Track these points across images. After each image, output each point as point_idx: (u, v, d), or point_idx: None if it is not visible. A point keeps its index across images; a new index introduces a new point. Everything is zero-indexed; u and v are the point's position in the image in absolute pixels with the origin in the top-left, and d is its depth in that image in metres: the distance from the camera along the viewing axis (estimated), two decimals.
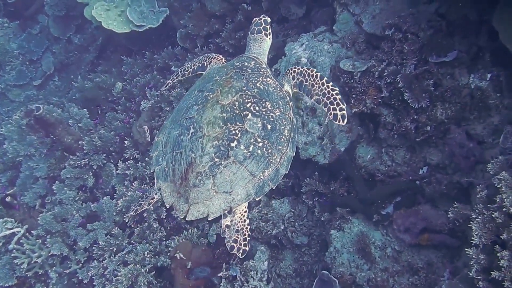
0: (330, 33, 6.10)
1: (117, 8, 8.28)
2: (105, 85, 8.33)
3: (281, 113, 3.87)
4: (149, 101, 7.28)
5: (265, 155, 3.69)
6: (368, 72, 5.33)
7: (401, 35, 5.24)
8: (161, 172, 3.90)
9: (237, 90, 3.82)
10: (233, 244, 3.77)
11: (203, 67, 4.71)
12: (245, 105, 3.74)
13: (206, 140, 3.61)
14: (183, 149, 3.71)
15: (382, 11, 5.62)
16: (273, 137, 3.75)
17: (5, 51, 10.84)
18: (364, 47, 5.77)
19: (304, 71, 4.17)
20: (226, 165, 3.59)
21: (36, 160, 7.54)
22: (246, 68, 4.07)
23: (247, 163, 3.63)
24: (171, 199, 3.76)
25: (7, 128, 7.80)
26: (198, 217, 3.62)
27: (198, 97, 3.95)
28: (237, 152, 3.60)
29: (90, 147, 7.09)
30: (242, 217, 3.85)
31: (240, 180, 3.63)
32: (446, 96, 4.98)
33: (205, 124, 3.67)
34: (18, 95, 10.66)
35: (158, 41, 8.79)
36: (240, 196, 3.64)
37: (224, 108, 3.72)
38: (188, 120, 3.82)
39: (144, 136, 6.68)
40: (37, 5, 11.49)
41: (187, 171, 3.63)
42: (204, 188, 3.58)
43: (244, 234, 3.82)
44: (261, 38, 4.44)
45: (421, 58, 5.10)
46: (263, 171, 3.69)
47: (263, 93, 3.88)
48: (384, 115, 5.33)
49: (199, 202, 3.61)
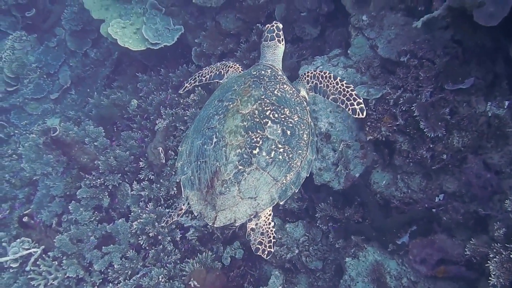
0: (344, 57, 6.06)
1: (133, 26, 8.31)
2: (121, 102, 8.36)
3: (299, 118, 3.98)
4: (164, 121, 7.29)
5: (286, 160, 3.80)
6: (383, 99, 5.29)
7: (417, 62, 5.19)
8: (187, 181, 4.03)
9: (256, 99, 3.94)
10: (258, 246, 3.84)
11: (220, 75, 4.84)
12: (264, 113, 3.86)
13: (229, 149, 3.74)
14: (207, 158, 3.84)
15: (397, 36, 5.56)
16: (293, 142, 3.86)
17: (23, 64, 10.95)
18: (379, 71, 5.72)
19: (318, 74, 4.32)
20: (250, 172, 3.70)
21: (53, 178, 7.61)
22: (263, 76, 4.19)
23: (269, 169, 3.74)
24: (199, 207, 3.88)
25: (24, 147, 7.89)
26: (226, 223, 3.76)
27: (218, 107, 4.07)
28: (260, 159, 3.71)
29: (106, 167, 7.13)
30: (267, 220, 3.93)
31: (264, 185, 3.74)
32: (463, 124, 4.92)
33: (227, 133, 3.80)
34: (36, 108, 10.77)
35: (173, 58, 8.80)
36: (264, 201, 3.75)
37: (244, 117, 3.85)
38: (211, 130, 3.94)
39: (158, 158, 6.69)
40: (55, 18, 11.61)
41: (212, 179, 3.75)
42: (230, 195, 3.71)
43: (269, 237, 3.87)
44: (274, 45, 4.53)
45: (437, 85, 5.04)
46: (285, 176, 3.80)
47: (281, 100, 3.99)
48: (400, 142, 5.29)
49: (226, 208, 3.74)
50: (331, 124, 5.64)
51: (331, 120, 5.65)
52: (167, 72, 8.46)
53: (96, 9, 8.89)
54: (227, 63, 4.90)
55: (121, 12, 8.73)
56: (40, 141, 7.73)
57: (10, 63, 10.92)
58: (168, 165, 6.82)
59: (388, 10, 5.70)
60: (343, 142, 5.59)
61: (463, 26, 4.56)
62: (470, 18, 4.28)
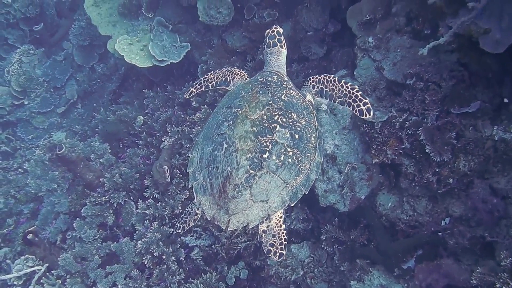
0: (350, 78, 6.05)
1: (140, 43, 8.35)
2: (127, 118, 8.38)
3: (306, 122, 4.10)
4: (169, 139, 7.28)
5: (295, 163, 3.92)
6: (389, 122, 5.27)
7: (423, 85, 5.17)
8: (199, 187, 4.13)
9: (264, 104, 4.05)
10: (270, 248, 3.92)
11: (227, 82, 4.92)
12: (273, 118, 3.98)
13: (240, 154, 3.85)
14: (219, 163, 3.94)
15: (403, 58, 5.55)
16: (301, 145, 3.97)
17: (30, 78, 11.00)
18: (385, 93, 5.70)
19: (322, 79, 4.44)
20: (261, 176, 3.82)
21: (58, 195, 7.63)
22: (270, 82, 4.32)
23: (279, 172, 3.86)
24: (212, 212, 3.98)
25: (30, 164, 7.91)
26: (239, 226, 3.87)
27: (227, 113, 4.17)
28: (270, 163, 3.83)
29: (111, 185, 7.13)
30: (278, 222, 4.02)
31: (275, 188, 3.86)
32: (469, 148, 4.90)
33: (238, 139, 3.91)
34: (42, 122, 10.81)
35: (179, 74, 8.84)
36: (276, 203, 3.88)
37: (253, 123, 3.96)
38: (221, 136, 4.04)
39: (164, 177, 6.69)
40: (62, 32, 11.69)
41: (224, 184, 3.86)
42: (242, 199, 3.82)
43: (280, 239, 3.96)
44: (278, 51, 4.64)
45: (443, 108, 5.02)
46: (295, 178, 3.92)
47: (288, 105, 4.11)
48: (406, 165, 5.26)
49: (238, 212, 3.85)
50: (337, 146, 5.63)
51: (337, 142, 5.64)
52: (174, 89, 8.48)
53: (103, 25, 8.96)
54: (233, 69, 4.97)
55: (128, 28, 8.79)
56: (45, 158, 7.76)
57: (17, 76, 10.99)
58: (173, 184, 6.80)
59: (394, 32, 5.69)
60: (349, 164, 5.57)
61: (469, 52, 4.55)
62: (476, 44, 4.28)
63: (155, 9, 8.52)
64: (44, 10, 11.80)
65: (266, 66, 4.75)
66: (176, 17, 8.42)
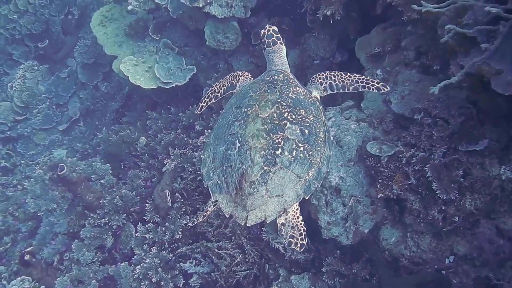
0: (357, 110, 6.02)
1: (145, 64, 8.35)
2: (129, 139, 8.33)
3: (314, 117, 4.28)
4: (172, 162, 7.23)
5: (307, 157, 4.06)
6: (395, 157, 5.22)
7: (431, 120, 5.13)
8: (214, 186, 4.22)
9: (273, 103, 4.19)
10: (291, 240, 4.09)
11: (233, 86, 5.08)
12: (282, 115, 4.13)
13: (254, 151, 3.97)
14: (233, 162, 4.05)
15: (412, 92, 5.53)
16: (311, 140, 4.13)
17: (33, 94, 11.01)
18: (392, 127, 5.66)
19: (328, 75, 4.72)
20: (275, 172, 3.95)
21: (57, 215, 7.56)
22: (276, 81, 4.46)
23: (292, 167, 4.00)
24: (229, 209, 4.09)
25: (30, 183, 7.84)
26: (257, 221, 3.97)
27: (237, 113, 4.29)
28: (283, 159, 3.97)
29: (111, 207, 7.06)
30: (295, 214, 4.18)
31: (289, 183, 3.99)
32: (476, 187, 4.84)
33: (250, 137, 4.03)
34: (43, 139, 10.78)
35: (184, 96, 8.82)
36: (291, 197, 4.01)
37: (264, 121, 4.09)
38: (233, 135, 4.16)
39: (165, 201, 6.62)
40: (67, 49, 11.73)
41: (240, 182, 3.97)
42: (259, 195, 3.94)
43: (299, 230, 4.13)
44: (279, 49, 4.78)
45: (450, 145, 4.98)
46: (307, 172, 4.06)
47: (296, 101, 4.27)
48: (411, 201, 5.19)
49: (256, 208, 3.97)
50: (342, 178, 5.57)
51: (342, 175, 5.58)
52: (177, 111, 8.45)
53: (109, 45, 8.97)
54: (236, 73, 5.14)
55: (134, 49, 8.80)
56: (46, 177, 7.68)
57: (20, 92, 11.00)
58: (174, 209, 6.73)
59: (402, 66, 5.68)
60: (353, 198, 5.51)
61: (480, 91, 4.52)
62: (487, 85, 4.25)
63: (162, 31, 8.54)
64: (50, 27, 11.87)
65: (270, 65, 4.89)
66: (183, 39, 8.44)
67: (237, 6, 7.44)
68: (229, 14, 7.44)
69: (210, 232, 6.60)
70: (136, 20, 8.79)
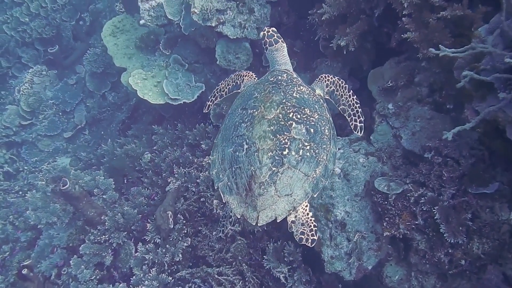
0: (366, 142, 5.94)
1: (154, 78, 8.27)
2: (134, 153, 8.26)
3: (319, 115, 4.35)
4: (176, 181, 7.15)
5: (313, 156, 4.13)
6: (403, 195, 5.14)
7: (441, 160, 5.06)
8: (225, 187, 4.29)
9: (278, 103, 4.24)
10: (302, 236, 4.18)
11: (238, 86, 5.17)
12: (288, 115, 4.18)
13: (261, 153, 4.01)
14: (241, 164, 4.10)
15: (423, 129, 5.45)
16: (317, 139, 4.19)
17: (40, 99, 10.98)
18: (401, 162, 5.59)
19: (336, 81, 4.81)
20: (283, 172, 4.00)
21: (57, 228, 7.47)
22: (280, 81, 4.52)
23: (300, 166, 4.06)
24: (240, 210, 4.15)
25: (31, 194, 7.76)
26: (268, 221, 4.04)
27: (243, 115, 4.34)
28: (290, 158, 4.02)
29: (112, 223, 6.97)
30: (304, 211, 4.26)
31: (297, 182, 4.05)
32: (484, 231, 4.74)
33: (257, 139, 4.07)
34: (48, 145, 10.73)
35: (191, 113, 8.74)
36: (300, 196, 4.08)
37: (270, 122, 4.14)
38: (240, 137, 4.20)
39: (167, 223, 6.54)
40: (77, 56, 11.73)
41: (249, 183, 4.02)
42: (268, 195, 3.99)
43: (309, 226, 4.22)
44: (281, 47, 4.84)
45: (460, 187, 4.89)
46: (314, 170, 4.13)
47: (300, 101, 4.33)
48: (417, 241, 5.10)
49: (266, 208, 4.02)
50: (348, 213, 5.49)
51: (348, 209, 5.49)
52: (184, 128, 8.36)
53: (119, 57, 8.91)
54: (241, 72, 5.20)
55: (144, 62, 8.73)
56: (48, 189, 7.61)
57: (27, 96, 10.98)
58: (175, 230, 6.65)
59: (415, 101, 5.60)
60: (358, 233, 5.42)
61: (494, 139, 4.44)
62: (502, 132, 4.17)
63: (173, 46, 8.48)
64: (61, 32, 11.91)
65: (273, 65, 4.95)
66: (193, 56, 8.37)
67: (250, 27, 7.39)
68: (241, 35, 7.38)
69: (211, 256, 6.53)
70: (148, 33, 8.74)
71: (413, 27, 5.11)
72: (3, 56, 11.91)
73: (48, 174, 9.38)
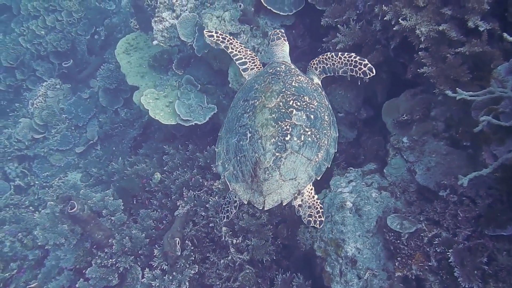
0: (379, 175, 5.79)
1: (166, 98, 8.19)
2: (144, 173, 8.19)
3: (318, 103, 4.53)
4: (185, 205, 7.05)
5: (315, 140, 4.29)
6: (417, 234, 4.97)
7: (456, 199, 4.90)
8: (231, 176, 4.44)
9: (278, 93, 4.44)
10: (309, 219, 4.35)
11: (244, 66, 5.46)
12: (288, 103, 4.36)
13: (265, 140, 4.18)
14: (246, 152, 4.26)
15: (438, 165, 5.29)
16: (317, 124, 4.36)
17: (53, 113, 10.98)
18: (415, 198, 5.42)
19: (321, 58, 5.03)
20: (286, 157, 4.16)
21: (65, 250, 7.43)
22: (279, 72, 4.74)
23: (302, 151, 4.21)
24: (247, 196, 4.30)
25: (40, 215, 7.71)
26: (274, 204, 4.19)
27: (245, 106, 4.52)
28: (292, 144, 4.18)
29: (119, 247, 6.90)
30: (310, 194, 4.44)
31: (301, 166, 4.21)
32: (501, 275, 4.56)
33: (260, 127, 4.24)
34: (59, 160, 10.71)
35: (202, 134, 8.65)
36: (303, 179, 4.24)
37: (271, 110, 4.32)
38: (243, 127, 4.37)
39: (174, 250, 6.44)
40: (91, 70, 11.74)
41: (255, 169, 4.17)
42: (273, 180, 4.15)
43: (316, 208, 4.41)
44: (282, 43, 5.28)
45: (476, 228, 4.72)
46: (316, 154, 4.29)
47: (299, 89, 4.53)
48: (430, 282, 4.92)
49: (272, 192, 4.18)
50: (359, 250, 5.32)
51: (359, 246, 5.34)
52: (195, 149, 8.27)
53: (132, 75, 8.88)
54: (256, 60, 5.51)
55: (156, 82, 8.68)
56: (57, 209, 7.55)
57: (40, 110, 11.00)
58: (183, 257, 6.54)
59: (430, 136, 5.44)
60: (369, 271, 5.26)
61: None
62: None
63: (186, 67, 8.41)
64: (76, 46, 11.92)
65: (273, 58, 5.29)
66: (206, 77, 8.28)
67: (263, 50, 7.29)
68: None
69: (218, 285, 6.41)
70: (161, 53, 8.67)
71: (430, 61, 4.97)
72: (18, 68, 11.96)
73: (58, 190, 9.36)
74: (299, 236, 5.91)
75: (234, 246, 6.44)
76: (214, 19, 7.17)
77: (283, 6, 7.14)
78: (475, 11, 4.61)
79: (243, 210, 6.67)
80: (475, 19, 4.60)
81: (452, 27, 4.79)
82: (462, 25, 4.79)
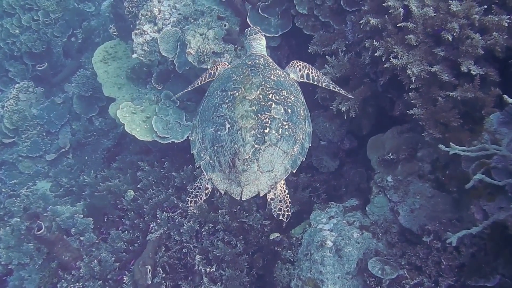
0: (361, 213, 5.63)
1: (143, 113, 7.90)
2: (117, 190, 7.86)
3: (294, 97, 4.63)
4: (158, 229, 6.76)
5: (291, 134, 4.39)
6: (398, 281, 4.81)
7: (440, 245, 4.76)
8: (207, 165, 4.50)
9: (258, 85, 4.50)
10: (279, 212, 4.39)
11: (212, 75, 5.43)
12: (267, 96, 4.44)
13: (244, 131, 4.24)
14: (224, 142, 4.32)
15: (422, 207, 5.15)
16: (294, 119, 4.46)
17: (24, 117, 10.52)
18: (397, 239, 5.27)
19: (307, 65, 5.21)
20: (265, 149, 4.25)
21: (29, 270, 7.06)
22: (258, 65, 4.79)
23: (280, 144, 4.31)
24: (224, 186, 4.37)
25: (4, 231, 7.32)
26: (251, 195, 4.28)
27: (223, 96, 4.55)
28: (271, 136, 4.28)
29: (87, 270, 6.59)
30: (282, 189, 4.48)
31: (278, 158, 4.32)
32: None
33: (240, 118, 4.30)
34: (28, 167, 10.27)
35: (180, 149, 8.33)
36: (280, 171, 4.36)
37: (252, 102, 4.38)
38: (221, 117, 4.41)
39: (145, 278, 6.16)
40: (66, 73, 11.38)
41: (233, 160, 4.24)
42: (252, 171, 4.24)
43: (285, 202, 4.45)
44: (259, 37, 5.35)
45: (459, 278, 4.59)
46: (292, 148, 4.40)
47: (278, 83, 4.60)
48: None
49: (249, 183, 4.27)
50: None
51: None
52: (171, 167, 7.97)
53: (109, 85, 8.58)
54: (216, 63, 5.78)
55: (134, 94, 8.36)
56: (23, 227, 7.20)
57: (11, 113, 10.54)
58: (153, 285, 6.26)
59: (416, 177, 5.29)
60: None
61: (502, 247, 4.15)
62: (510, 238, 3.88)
63: (165, 82, 8.11)
64: (51, 47, 11.53)
65: (250, 51, 5.32)
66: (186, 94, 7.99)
67: None
68: None
69: None
70: (140, 64, 8.34)
71: (420, 102, 4.82)
72: None
73: (26, 200, 8.98)
74: (276, 273, 5.71)
75: (207, 275, 6.21)
76: (197, 36, 6.92)
77: (270, 28, 6.95)
78: (469, 54, 4.47)
79: (218, 237, 6.45)
80: (468, 63, 4.46)
81: (444, 68, 4.65)
82: (454, 66, 4.65)
